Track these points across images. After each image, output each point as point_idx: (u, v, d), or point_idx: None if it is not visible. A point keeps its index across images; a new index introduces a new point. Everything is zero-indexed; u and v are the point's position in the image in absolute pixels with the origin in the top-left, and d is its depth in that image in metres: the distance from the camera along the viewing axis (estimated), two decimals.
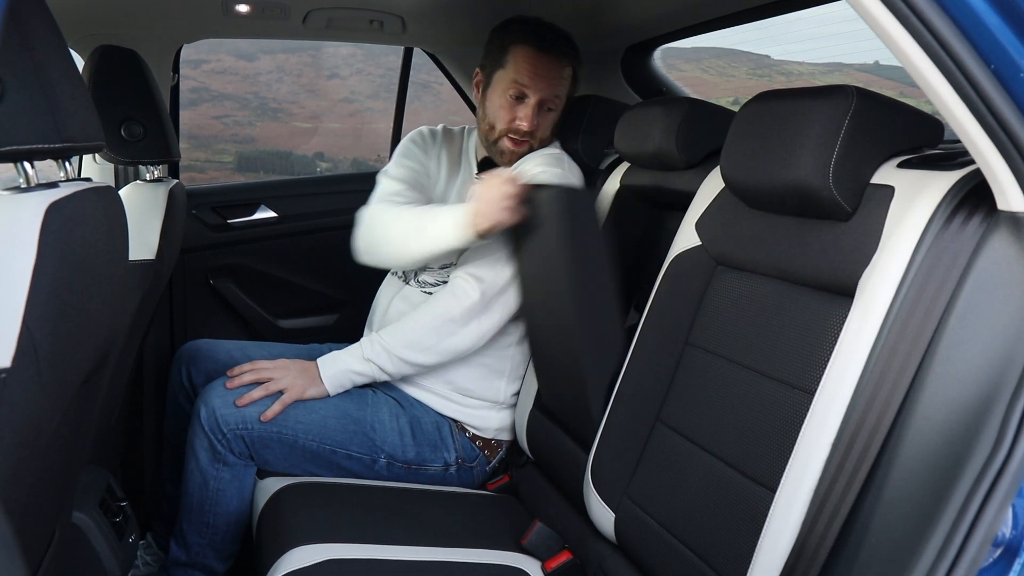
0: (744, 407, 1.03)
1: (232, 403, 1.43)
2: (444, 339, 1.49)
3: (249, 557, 1.43)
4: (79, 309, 0.78)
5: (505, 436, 1.64)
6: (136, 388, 1.93)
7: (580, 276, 1.27)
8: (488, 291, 1.48)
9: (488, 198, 1.34)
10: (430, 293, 1.58)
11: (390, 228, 1.50)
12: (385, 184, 1.62)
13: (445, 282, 1.58)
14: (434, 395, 1.58)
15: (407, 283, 1.65)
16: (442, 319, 1.48)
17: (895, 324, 0.83)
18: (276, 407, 1.43)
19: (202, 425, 1.42)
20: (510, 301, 1.51)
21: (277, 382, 1.46)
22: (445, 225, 1.39)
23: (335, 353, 1.52)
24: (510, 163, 1.62)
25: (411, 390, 1.59)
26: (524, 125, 1.56)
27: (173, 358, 1.72)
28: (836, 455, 0.84)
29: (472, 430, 1.60)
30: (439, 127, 1.78)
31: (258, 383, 1.46)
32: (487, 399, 1.61)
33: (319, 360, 1.50)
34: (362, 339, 1.54)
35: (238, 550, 1.52)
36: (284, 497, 1.38)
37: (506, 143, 1.59)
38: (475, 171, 1.69)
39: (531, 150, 1.61)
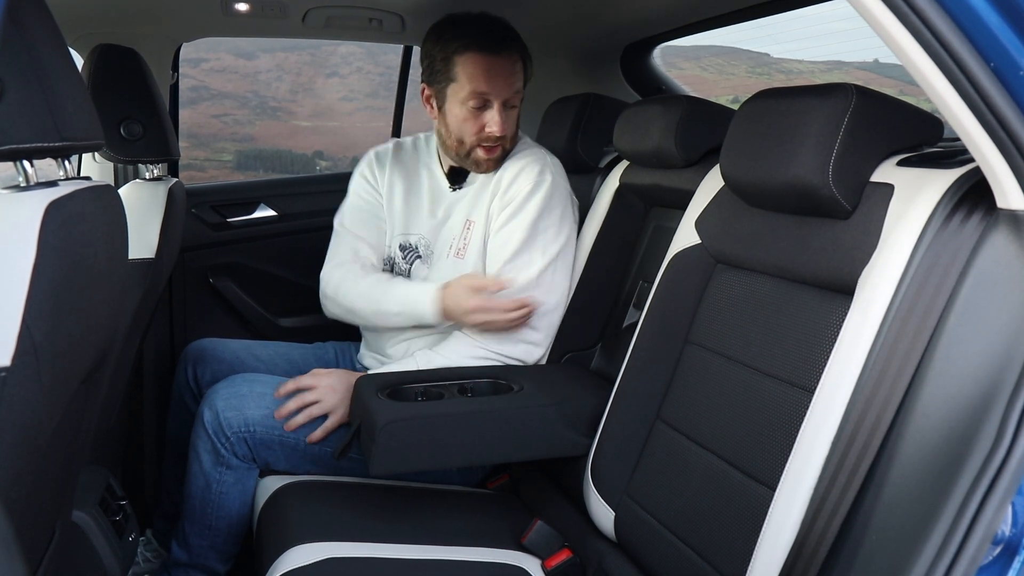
0: (744, 405, 1.03)
1: (235, 406, 1.42)
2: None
3: (249, 555, 1.43)
4: (79, 308, 0.78)
5: None
6: (136, 387, 1.93)
7: None
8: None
9: (457, 307, 1.44)
10: None
11: (357, 303, 1.59)
12: (341, 237, 1.67)
13: None
14: None
15: None
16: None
17: (895, 322, 0.83)
18: (319, 433, 1.44)
19: (206, 428, 1.41)
20: (554, 320, 1.55)
21: (321, 405, 1.44)
22: (415, 313, 1.51)
23: (381, 372, 1.50)
24: (487, 171, 1.59)
25: None
26: (496, 131, 1.51)
27: (178, 357, 1.72)
28: (836, 453, 0.84)
29: None
30: (390, 144, 1.76)
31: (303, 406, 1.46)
32: None
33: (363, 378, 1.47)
34: (415, 358, 1.52)
35: (239, 551, 1.52)
36: (284, 495, 1.38)
37: (479, 153, 1.55)
38: (445, 183, 1.66)
39: (504, 152, 1.58)
